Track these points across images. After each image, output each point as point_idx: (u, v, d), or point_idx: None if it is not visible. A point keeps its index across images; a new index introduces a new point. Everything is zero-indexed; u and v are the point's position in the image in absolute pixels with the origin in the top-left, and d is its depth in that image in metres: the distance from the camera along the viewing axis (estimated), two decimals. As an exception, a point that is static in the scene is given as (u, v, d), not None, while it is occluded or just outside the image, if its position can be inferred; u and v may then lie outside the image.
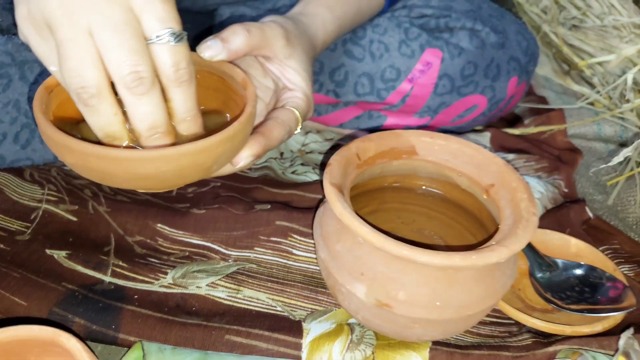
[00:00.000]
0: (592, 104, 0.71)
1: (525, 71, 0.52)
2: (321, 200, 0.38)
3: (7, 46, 0.43)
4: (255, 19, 0.54)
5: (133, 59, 0.26)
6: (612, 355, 0.30)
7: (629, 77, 0.60)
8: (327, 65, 0.48)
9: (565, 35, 0.82)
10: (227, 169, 0.36)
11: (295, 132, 0.35)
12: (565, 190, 0.51)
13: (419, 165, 0.37)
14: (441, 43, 0.48)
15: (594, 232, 0.46)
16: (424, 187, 0.38)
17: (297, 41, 0.35)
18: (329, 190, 0.30)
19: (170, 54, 0.27)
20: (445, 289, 0.28)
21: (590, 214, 0.47)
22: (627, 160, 0.59)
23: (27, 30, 0.28)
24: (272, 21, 0.35)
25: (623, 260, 0.43)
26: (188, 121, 0.30)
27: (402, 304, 0.28)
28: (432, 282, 0.28)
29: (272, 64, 0.35)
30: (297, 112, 0.34)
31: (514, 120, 0.66)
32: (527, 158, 0.53)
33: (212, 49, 0.31)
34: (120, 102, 0.28)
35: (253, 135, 0.32)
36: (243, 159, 0.31)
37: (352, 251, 0.30)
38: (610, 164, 0.42)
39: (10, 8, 0.47)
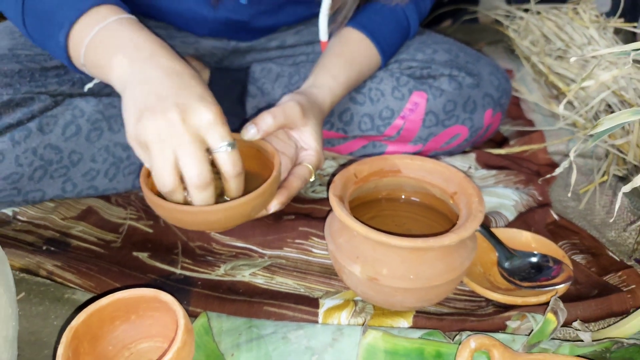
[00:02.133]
0: (575, 124, 0.81)
1: (499, 104, 0.64)
2: (330, 210, 0.51)
3: (99, 106, 0.58)
4: (280, 73, 0.68)
5: (199, 170, 0.41)
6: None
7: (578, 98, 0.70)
8: (336, 109, 0.62)
9: (551, 65, 0.93)
10: (263, 213, 0.50)
11: (311, 180, 0.50)
12: (540, 198, 0.61)
13: (403, 181, 0.49)
14: (426, 87, 0.60)
15: (559, 231, 0.56)
16: (409, 198, 0.50)
17: (310, 112, 0.50)
18: (332, 199, 0.42)
19: (228, 158, 0.42)
20: (416, 265, 0.40)
21: (555, 216, 0.57)
22: (598, 171, 0.69)
23: (132, 143, 0.43)
24: (291, 100, 0.49)
25: (579, 251, 0.53)
26: (238, 193, 0.45)
27: (385, 277, 0.40)
28: (407, 261, 0.40)
29: (293, 132, 0.51)
30: (310, 167, 0.50)
31: (502, 141, 0.77)
32: (507, 173, 0.64)
33: (250, 133, 0.47)
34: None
35: (279, 190, 0.48)
36: (273, 207, 0.48)
37: (350, 242, 0.42)
38: (554, 174, 0.52)
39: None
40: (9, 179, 0.51)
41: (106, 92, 0.64)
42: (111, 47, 0.46)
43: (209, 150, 0.43)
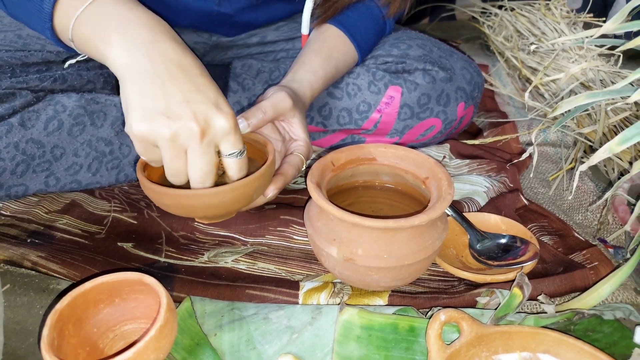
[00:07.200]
0: (546, 115, 0.84)
1: (471, 97, 0.66)
2: (310, 198, 0.52)
3: (80, 102, 0.59)
4: (260, 69, 0.70)
5: (204, 176, 0.42)
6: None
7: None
8: (315, 104, 0.64)
9: (524, 59, 0.96)
10: (260, 200, 0.51)
11: (303, 169, 0.52)
12: (511, 185, 0.64)
13: (378, 168, 0.51)
14: (401, 81, 0.62)
15: (529, 214, 0.59)
16: (384, 185, 0.52)
17: (297, 104, 0.51)
18: (310, 186, 0.44)
19: (236, 164, 0.44)
20: (389, 245, 0.42)
21: (525, 201, 0.60)
22: (566, 159, 0.72)
23: (135, 139, 0.41)
24: (281, 91, 0.50)
25: (546, 233, 0.55)
26: None
27: (361, 257, 0.42)
28: (380, 241, 0.42)
29: (282, 123, 0.52)
30: (301, 156, 0.51)
31: (477, 133, 0.80)
32: (480, 162, 0.67)
33: (240, 126, 0.48)
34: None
35: (275, 176, 0.49)
36: (271, 192, 0.48)
37: (326, 225, 0.44)
38: (522, 158, 0.55)
39: (80, 73, 0.64)
40: (-8, 173, 0.52)
41: (88, 88, 0.64)
42: (107, 24, 0.43)
43: (219, 153, 0.43)
